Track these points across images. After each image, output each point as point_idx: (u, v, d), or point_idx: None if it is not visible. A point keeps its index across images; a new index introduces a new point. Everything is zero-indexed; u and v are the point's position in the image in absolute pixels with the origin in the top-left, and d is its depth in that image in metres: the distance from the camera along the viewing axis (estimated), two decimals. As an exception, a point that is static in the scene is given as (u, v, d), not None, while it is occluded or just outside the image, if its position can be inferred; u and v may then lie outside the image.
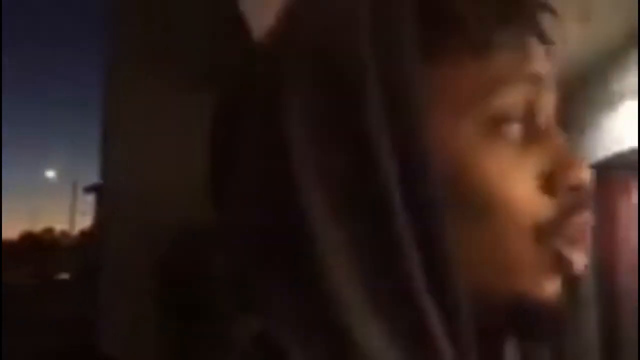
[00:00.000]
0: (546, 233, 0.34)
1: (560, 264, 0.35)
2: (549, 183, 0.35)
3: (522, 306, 0.34)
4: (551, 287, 0.35)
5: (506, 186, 0.33)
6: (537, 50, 0.36)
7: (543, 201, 0.34)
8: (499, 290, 0.34)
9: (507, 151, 0.34)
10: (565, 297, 0.35)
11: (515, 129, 0.34)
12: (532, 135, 0.35)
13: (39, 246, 32.53)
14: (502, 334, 0.37)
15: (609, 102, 3.06)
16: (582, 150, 3.38)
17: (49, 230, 45.24)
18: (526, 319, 0.34)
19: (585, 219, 0.35)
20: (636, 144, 2.77)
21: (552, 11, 0.37)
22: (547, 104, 0.37)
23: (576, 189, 0.35)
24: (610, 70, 3.05)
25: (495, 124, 0.34)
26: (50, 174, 72.46)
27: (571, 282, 0.36)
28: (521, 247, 0.34)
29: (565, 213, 0.34)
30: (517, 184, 0.34)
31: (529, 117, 0.35)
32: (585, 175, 0.35)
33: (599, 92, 3.18)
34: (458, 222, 0.32)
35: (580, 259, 0.35)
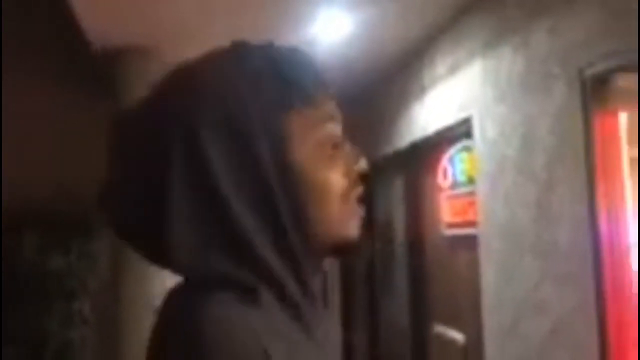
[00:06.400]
0: (346, 197, 0.63)
1: (356, 214, 0.65)
2: (347, 173, 0.64)
3: (340, 242, 0.63)
4: (354, 229, 0.65)
5: (327, 176, 0.61)
6: (332, 101, 0.65)
7: (344, 181, 0.63)
8: (329, 235, 0.62)
9: (328, 159, 0.62)
10: (361, 233, 0.65)
11: (331, 146, 0.63)
12: (338, 149, 0.64)
13: None
14: (325, 255, 0.65)
15: (418, 93, 3.50)
16: (395, 137, 3.84)
17: None
18: (343, 248, 0.64)
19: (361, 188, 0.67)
20: (438, 128, 3.24)
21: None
22: (340, 131, 0.65)
23: (360, 173, 0.66)
24: (419, 64, 3.48)
25: (323, 145, 0.62)
26: None
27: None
28: (337, 208, 0.62)
29: (355, 185, 0.65)
30: (333, 174, 0.62)
31: (335, 139, 0.64)
32: (363, 166, 0.66)
33: (410, 83, 3.61)
34: (308, 200, 0.59)
35: (362, 210, 0.66)
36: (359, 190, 0.65)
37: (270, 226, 0.56)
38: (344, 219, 0.62)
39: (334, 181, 0.61)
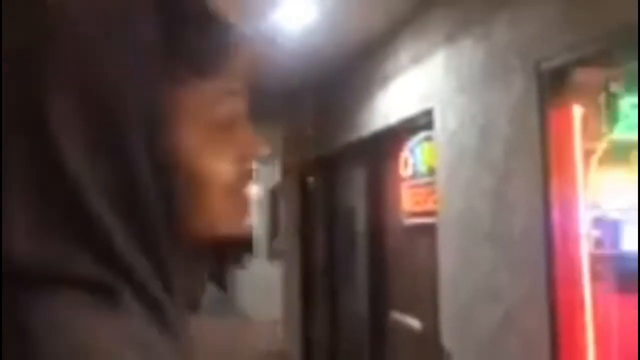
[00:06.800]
0: (233, 189, 0.52)
1: (242, 209, 0.55)
2: (239, 161, 0.53)
3: (222, 240, 0.53)
4: (238, 226, 0.54)
5: (211, 165, 0.50)
6: (234, 72, 0.52)
7: (234, 170, 0.52)
8: (208, 232, 0.52)
9: (217, 144, 0.50)
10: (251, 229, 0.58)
11: (225, 127, 0.51)
12: (233, 130, 0.52)
13: None
14: (204, 253, 0.56)
15: (381, 83, 3.51)
16: (358, 126, 3.85)
17: None
18: (227, 247, 0.57)
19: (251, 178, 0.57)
20: (400, 118, 3.26)
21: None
22: (240, 108, 0.53)
23: (250, 160, 0.55)
24: (382, 54, 3.49)
25: (212, 126, 0.50)
26: None
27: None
28: (220, 201, 0.51)
29: (245, 175, 0.54)
30: (219, 162, 0.50)
31: (231, 119, 0.52)
32: (261, 153, 0.56)
33: (373, 73, 3.62)
34: (185, 190, 0.48)
35: (250, 203, 0.57)
36: (248, 181, 0.55)
37: (134, 218, 0.45)
38: (226, 214, 0.52)
39: (218, 171, 0.50)
